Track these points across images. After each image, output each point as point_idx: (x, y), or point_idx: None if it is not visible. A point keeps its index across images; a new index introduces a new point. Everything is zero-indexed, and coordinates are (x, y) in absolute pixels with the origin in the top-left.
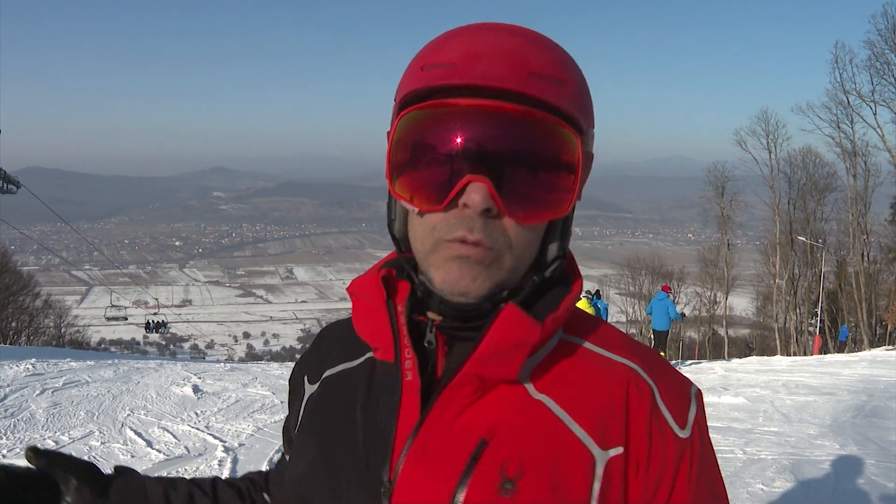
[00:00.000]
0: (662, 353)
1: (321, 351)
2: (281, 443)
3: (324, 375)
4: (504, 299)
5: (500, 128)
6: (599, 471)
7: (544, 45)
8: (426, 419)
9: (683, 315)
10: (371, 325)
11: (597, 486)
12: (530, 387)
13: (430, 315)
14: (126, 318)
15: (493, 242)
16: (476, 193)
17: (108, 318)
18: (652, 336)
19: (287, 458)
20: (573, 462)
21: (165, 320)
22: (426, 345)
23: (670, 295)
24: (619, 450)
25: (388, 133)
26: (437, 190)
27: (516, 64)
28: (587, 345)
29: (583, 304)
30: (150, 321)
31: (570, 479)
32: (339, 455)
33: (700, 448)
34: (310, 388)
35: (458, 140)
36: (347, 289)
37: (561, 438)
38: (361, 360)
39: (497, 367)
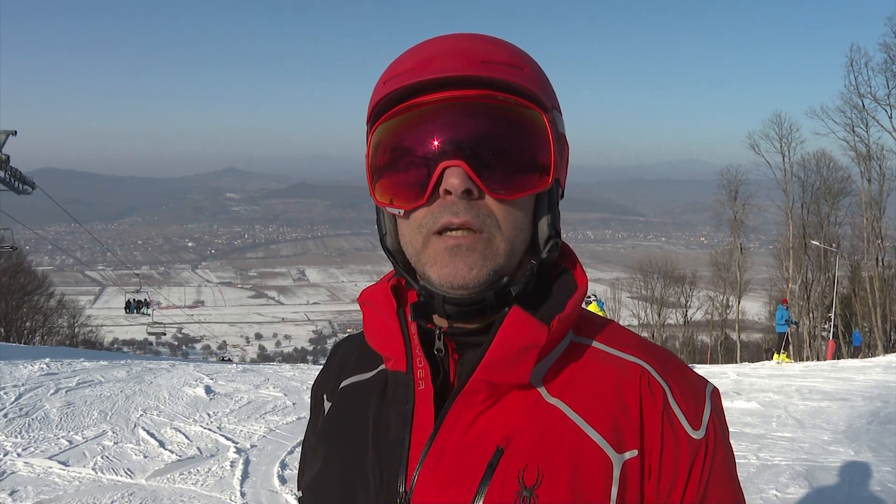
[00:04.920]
0: (782, 352)
1: (335, 365)
2: (292, 445)
3: (339, 388)
4: (504, 286)
5: (466, 115)
6: (617, 474)
7: (495, 39)
8: (440, 429)
9: (796, 322)
10: (382, 335)
11: (615, 490)
12: (544, 391)
13: (437, 322)
14: (165, 333)
15: (482, 224)
16: (454, 177)
17: (150, 333)
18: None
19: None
20: (591, 467)
21: (148, 298)
22: (436, 352)
23: (786, 306)
24: (634, 453)
25: (365, 151)
26: (417, 186)
27: (469, 55)
28: (599, 345)
29: (593, 309)
30: (131, 300)
31: (588, 485)
32: (353, 467)
33: (714, 449)
34: (328, 405)
35: (428, 133)
36: (358, 299)
37: (577, 443)
38: (374, 372)
39: (507, 371)
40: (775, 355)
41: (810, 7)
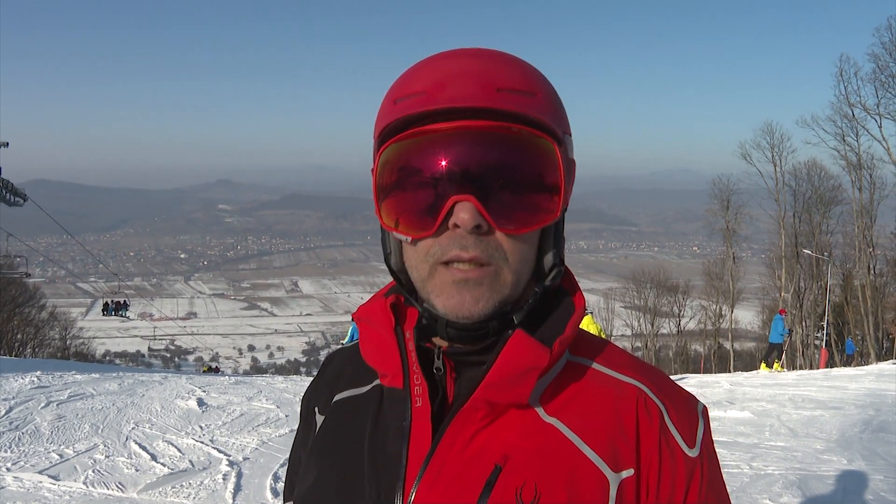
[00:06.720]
0: (777, 362)
1: (328, 377)
2: (285, 457)
3: (332, 402)
4: (508, 313)
5: (478, 145)
6: (613, 493)
7: (509, 61)
8: (439, 445)
9: (791, 331)
10: (379, 351)
11: None
12: (541, 410)
13: (437, 341)
14: (166, 349)
15: (490, 257)
16: (464, 212)
17: (151, 349)
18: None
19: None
20: (588, 485)
21: (127, 301)
22: (435, 371)
23: (784, 317)
24: (631, 472)
25: (372, 170)
26: (426, 215)
27: (484, 82)
28: (595, 365)
29: (587, 322)
30: (109, 301)
31: (585, 502)
32: (350, 481)
33: (709, 467)
34: (320, 419)
35: (439, 164)
36: (354, 315)
37: (574, 462)
38: (369, 387)
39: (508, 392)
40: (762, 365)
41: (800, 17)
